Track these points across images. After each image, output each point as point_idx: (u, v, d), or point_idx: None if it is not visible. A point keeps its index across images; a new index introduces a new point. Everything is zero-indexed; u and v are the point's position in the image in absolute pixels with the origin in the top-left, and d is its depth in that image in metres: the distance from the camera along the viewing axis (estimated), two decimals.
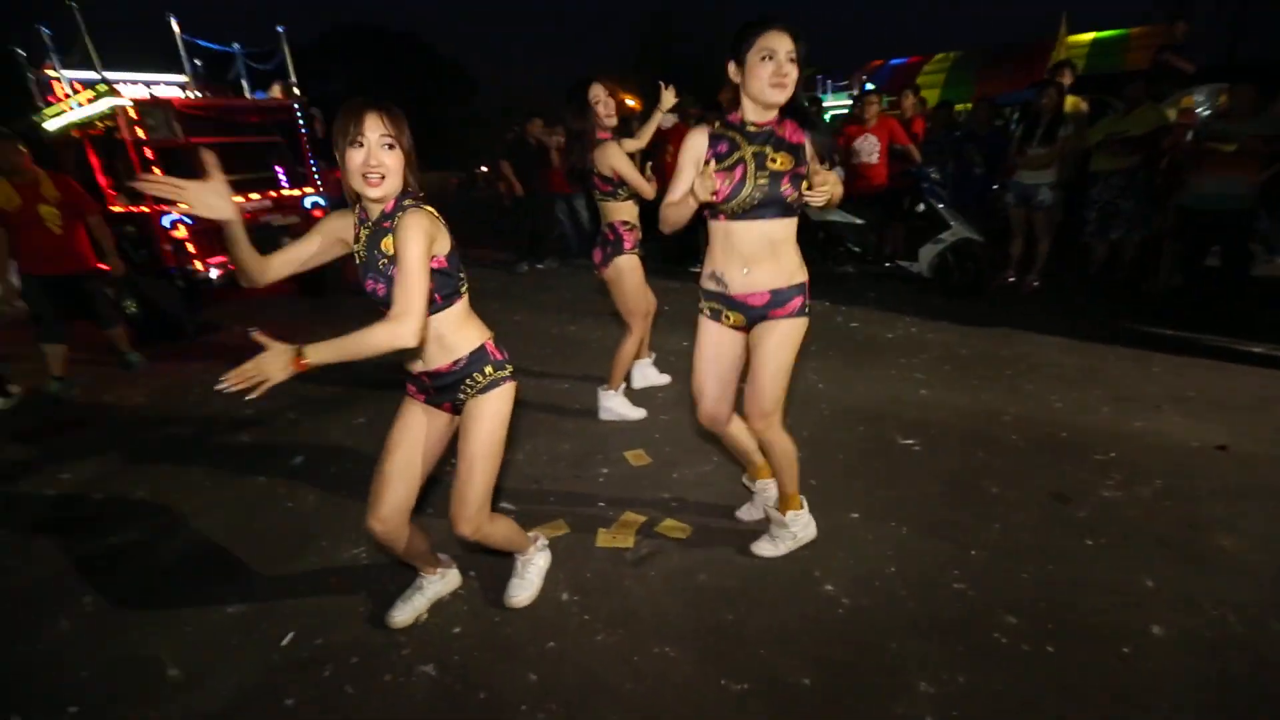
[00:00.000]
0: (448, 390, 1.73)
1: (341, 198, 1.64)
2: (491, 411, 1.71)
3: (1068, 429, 2.88)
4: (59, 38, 5.38)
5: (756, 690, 1.66)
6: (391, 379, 1.74)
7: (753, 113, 1.82)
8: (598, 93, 2.98)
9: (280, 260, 1.62)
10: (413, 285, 1.46)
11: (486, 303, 6.01)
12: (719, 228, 1.89)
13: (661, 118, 3.59)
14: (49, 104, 5.74)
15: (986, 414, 3.07)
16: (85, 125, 5.27)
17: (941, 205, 4.98)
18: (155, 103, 5.05)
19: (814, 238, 5.63)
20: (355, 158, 1.50)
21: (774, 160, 1.82)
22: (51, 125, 5.64)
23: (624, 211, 3.04)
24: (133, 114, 4.94)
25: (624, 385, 3.37)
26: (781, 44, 1.71)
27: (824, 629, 1.84)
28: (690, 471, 2.75)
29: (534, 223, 7.34)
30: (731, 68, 1.79)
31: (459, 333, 1.69)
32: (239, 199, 5.56)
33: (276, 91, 6.10)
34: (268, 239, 5.82)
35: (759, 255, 1.88)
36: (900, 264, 5.23)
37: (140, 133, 4.99)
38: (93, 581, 2.27)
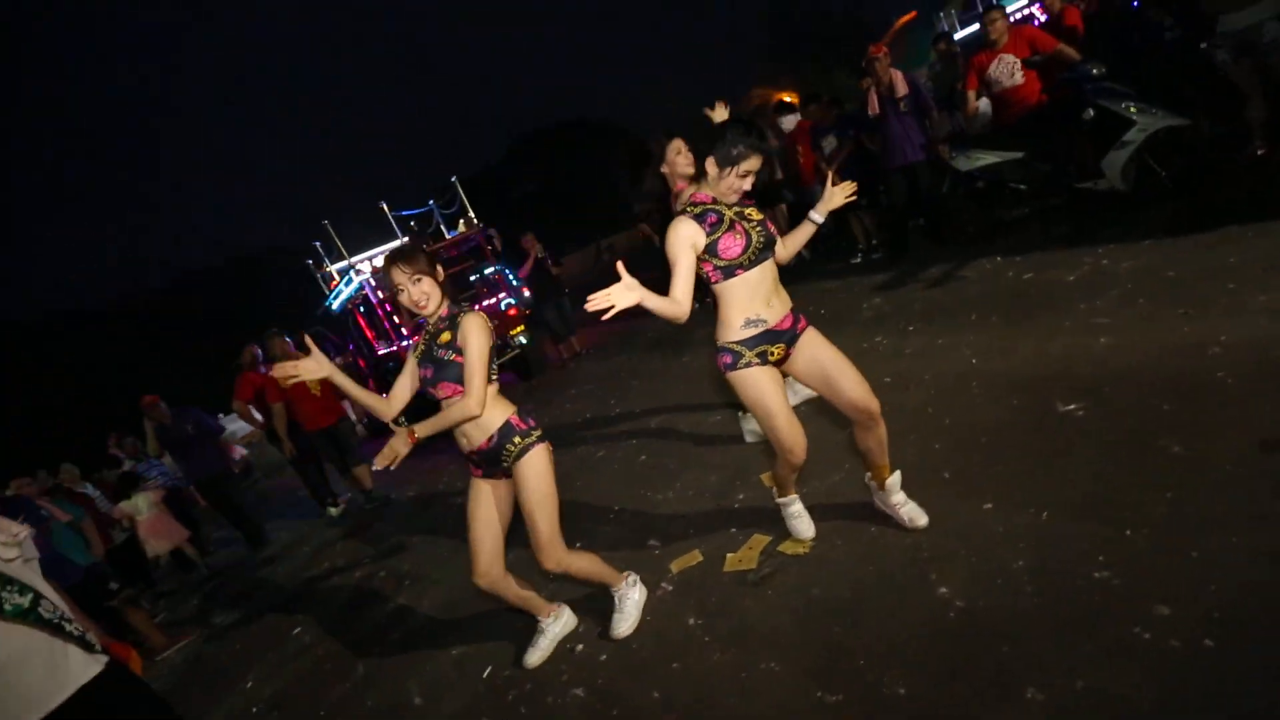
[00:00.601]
0: (493, 462, 2.18)
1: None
2: (531, 472, 2.14)
3: None
4: (326, 245, 7.44)
5: (850, 702, 1.68)
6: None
7: (716, 193, 2.06)
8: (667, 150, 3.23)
9: (398, 399, 2.20)
10: (475, 372, 2.04)
11: (657, 352, 6.53)
12: (736, 283, 2.05)
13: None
14: (331, 291, 7.93)
15: (1187, 350, 2.51)
16: (350, 299, 7.16)
17: (1116, 100, 4.13)
18: (381, 270, 6.74)
19: (972, 190, 5.05)
20: (403, 299, 2.12)
21: (751, 214, 2.07)
22: (335, 305, 7.77)
23: None
24: (372, 281, 6.61)
25: None
26: (758, 165, 1.97)
27: (931, 635, 1.77)
28: (821, 484, 2.74)
29: None
30: (711, 164, 2.00)
31: (489, 413, 2.13)
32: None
33: (462, 226, 7.56)
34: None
35: (773, 289, 2.11)
36: (1081, 186, 4.41)
37: (380, 294, 6.63)
38: (377, 638, 3.14)
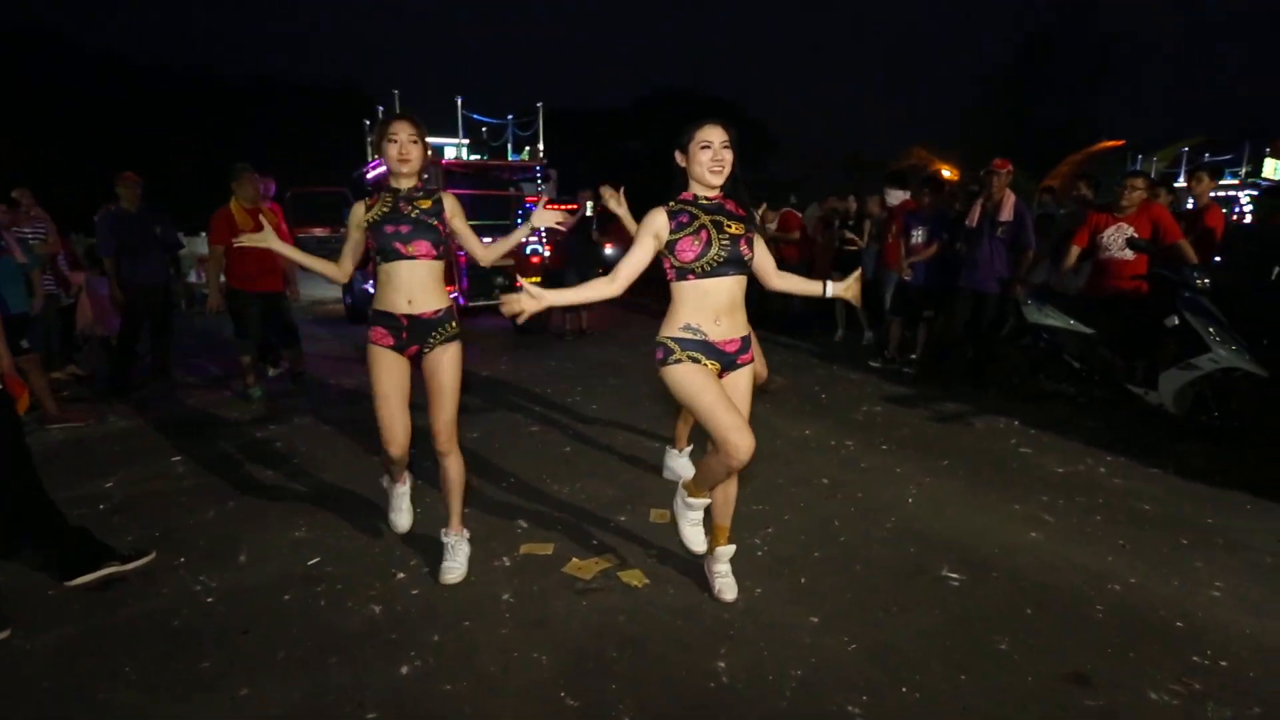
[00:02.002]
0: (421, 334, 2.66)
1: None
2: (453, 358, 2.71)
3: (1194, 621, 2.50)
4: (390, 112, 8.06)
5: (583, 711, 2.06)
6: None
7: (700, 190, 2.37)
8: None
9: (351, 260, 2.82)
10: (471, 235, 2.81)
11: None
12: (689, 286, 2.36)
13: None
14: (372, 160, 8.58)
15: (1092, 576, 2.80)
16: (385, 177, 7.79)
17: (1202, 320, 4.36)
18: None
19: (1033, 344, 5.31)
20: (391, 150, 2.60)
21: (730, 226, 2.35)
22: (369, 175, 8.43)
23: None
24: None
25: (690, 448, 3.84)
26: (716, 135, 2.27)
27: (682, 693, 2.13)
28: None
29: None
30: (678, 155, 2.36)
31: (444, 288, 2.74)
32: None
33: (526, 154, 8.11)
34: (482, 275, 7.68)
35: (726, 307, 2.38)
36: (1133, 389, 4.65)
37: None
38: (241, 494, 3.66)
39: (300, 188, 9.19)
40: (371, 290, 8.69)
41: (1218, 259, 5.53)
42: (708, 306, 2.35)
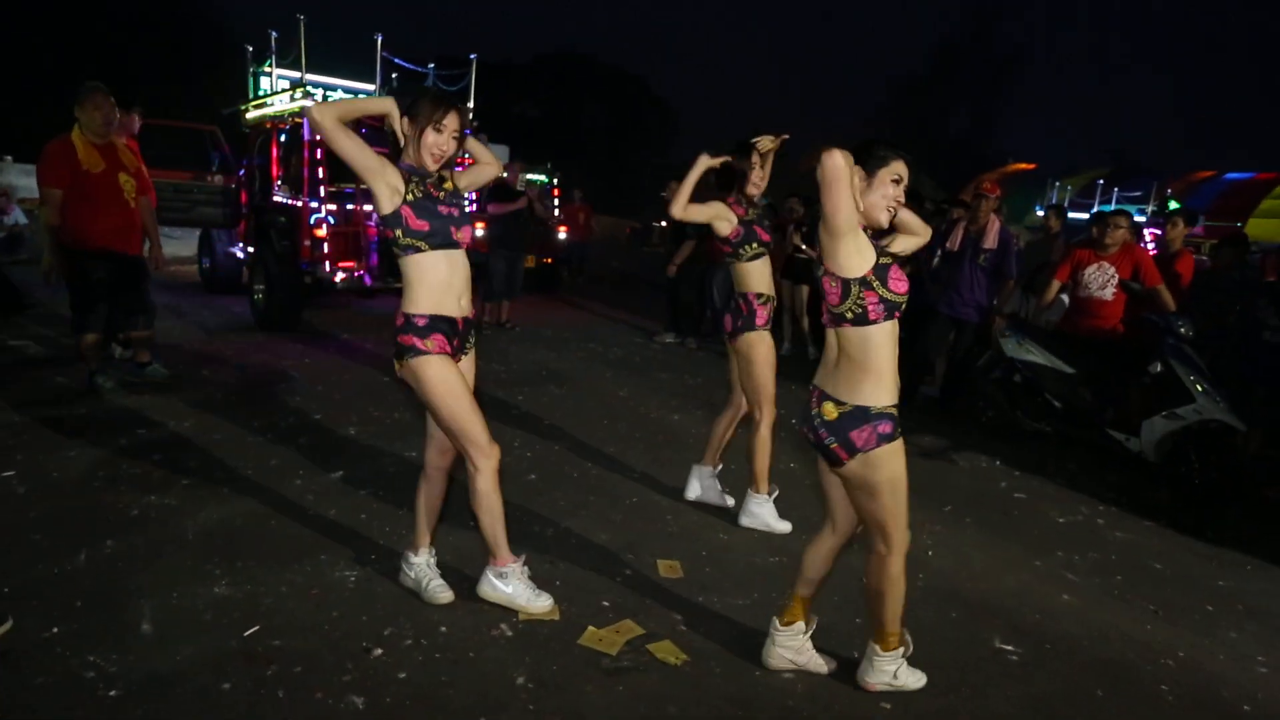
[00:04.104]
0: (468, 336, 2.66)
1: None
2: (475, 361, 2.78)
3: (1258, 704, 2.62)
4: (284, 42, 7.21)
5: None
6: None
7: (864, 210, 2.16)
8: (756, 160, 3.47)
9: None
10: None
11: (599, 370, 6.67)
12: (891, 330, 2.21)
13: None
14: (256, 96, 7.67)
15: (1142, 649, 2.89)
16: (276, 119, 6.96)
17: (1187, 369, 4.70)
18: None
19: (1007, 379, 5.55)
20: (430, 138, 2.44)
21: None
22: (251, 115, 7.53)
23: (754, 279, 3.50)
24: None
25: (775, 491, 3.65)
26: (907, 173, 2.14)
27: None
28: (721, 601, 2.93)
29: (676, 290, 7.98)
30: (858, 174, 2.11)
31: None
32: None
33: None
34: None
35: None
36: (1113, 434, 4.96)
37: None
38: (120, 530, 3.05)
39: (153, 119, 8.01)
40: (242, 256, 7.86)
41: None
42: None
